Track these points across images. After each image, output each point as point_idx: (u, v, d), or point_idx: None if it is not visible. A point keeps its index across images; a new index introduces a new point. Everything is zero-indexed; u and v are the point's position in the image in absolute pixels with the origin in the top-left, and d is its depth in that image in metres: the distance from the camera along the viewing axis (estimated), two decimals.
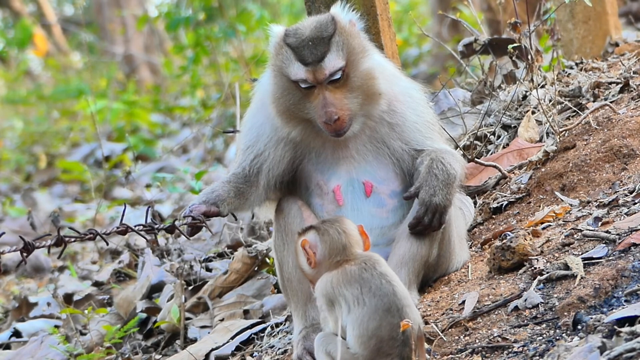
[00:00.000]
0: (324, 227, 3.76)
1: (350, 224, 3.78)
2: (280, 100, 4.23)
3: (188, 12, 12.21)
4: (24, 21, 19.49)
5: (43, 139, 14.98)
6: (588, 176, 4.78)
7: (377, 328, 3.50)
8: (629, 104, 5.24)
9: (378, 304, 3.52)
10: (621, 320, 3.41)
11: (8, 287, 7.90)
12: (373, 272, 3.59)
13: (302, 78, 4.17)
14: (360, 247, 3.75)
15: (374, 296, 3.54)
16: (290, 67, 4.19)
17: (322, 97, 4.16)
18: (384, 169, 4.34)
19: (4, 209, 11.47)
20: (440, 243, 4.31)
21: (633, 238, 3.93)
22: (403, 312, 3.49)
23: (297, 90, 4.20)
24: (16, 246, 3.54)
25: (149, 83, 17.41)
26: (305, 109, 4.21)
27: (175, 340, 5.58)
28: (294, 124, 4.27)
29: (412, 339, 3.47)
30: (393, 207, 4.33)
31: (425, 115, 4.42)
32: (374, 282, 3.56)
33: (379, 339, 3.49)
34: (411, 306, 3.54)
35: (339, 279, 3.62)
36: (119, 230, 3.87)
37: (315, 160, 4.36)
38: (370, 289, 3.56)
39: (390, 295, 3.53)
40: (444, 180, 4.20)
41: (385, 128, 4.34)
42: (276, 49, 4.25)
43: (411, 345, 3.47)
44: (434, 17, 12.49)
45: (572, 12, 6.61)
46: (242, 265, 5.75)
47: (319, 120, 4.18)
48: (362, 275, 3.59)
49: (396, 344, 3.47)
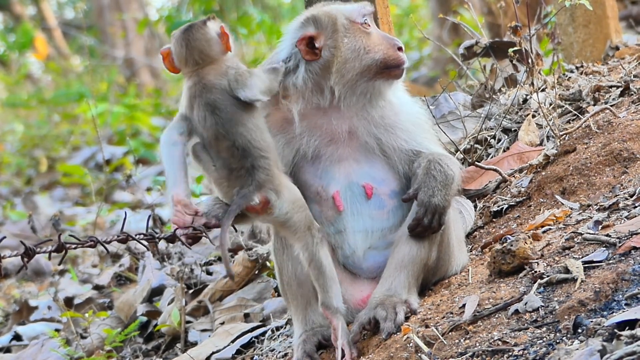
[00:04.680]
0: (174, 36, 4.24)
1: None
2: (345, 56, 4.28)
3: (189, 16, 12.23)
4: (24, 25, 19.52)
5: (44, 143, 15.00)
6: (588, 180, 4.78)
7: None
8: (629, 108, 5.24)
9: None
10: (621, 324, 3.41)
11: (9, 291, 7.90)
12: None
13: (366, 9, 4.33)
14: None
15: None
16: (352, 8, 4.33)
17: (381, 33, 4.37)
18: (382, 170, 4.34)
19: (5, 213, 11.47)
20: (440, 246, 4.31)
21: (633, 241, 3.93)
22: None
23: (361, 33, 4.29)
24: (17, 251, 3.54)
25: (150, 86, 17.43)
26: (371, 50, 4.28)
27: (175, 343, 5.58)
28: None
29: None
30: (393, 208, 4.33)
31: (422, 118, 4.45)
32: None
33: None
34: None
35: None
36: (120, 239, 3.88)
37: (313, 166, 4.35)
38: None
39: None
40: (442, 182, 4.21)
41: (382, 129, 4.35)
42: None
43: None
44: (435, 20, 12.50)
45: (573, 15, 6.61)
46: (243, 269, 5.75)
47: (391, 51, 4.29)
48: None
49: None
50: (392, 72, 4.32)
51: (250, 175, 4.04)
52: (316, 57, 4.26)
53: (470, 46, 6.27)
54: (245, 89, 4.08)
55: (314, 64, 4.27)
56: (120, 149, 12.78)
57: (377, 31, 4.36)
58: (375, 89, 4.32)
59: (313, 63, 4.27)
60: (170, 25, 11.60)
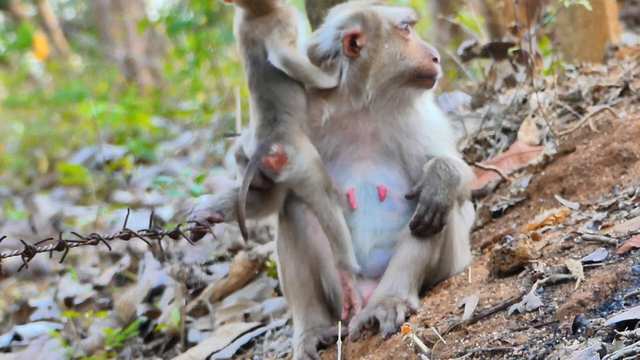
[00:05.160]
0: None
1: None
2: (383, 60, 4.29)
3: (189, 16, 12.22)
4: (25, 25, 19.51)
5: (44, 143, 14.99)
6: (588, 180, 4.78)
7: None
8: (628, 108, 5.24)
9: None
10: (621, 324, 3.41)
11: (9, 291, 7.90)
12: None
13: (408, 16, 4.34)
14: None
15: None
16: (396, 12, 4.34)
17: (420, 42, 4.37)
18: (398, 174, 4.35)
19: (5, 213, 11.47)
20: (443, 247, 4.32)
21: (633, 241, 3.93)
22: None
23: (400, 39, 4.30)
24: (17, 250, 3.54)
25: (150, 87, 17.42)
26: (407, 57, 4.29)
27: (175, 343, 5.58)
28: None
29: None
30: (404, 212, 4.33)
31: (444, 128, 4.47)
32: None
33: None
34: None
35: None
36: (122, 235, 3.88)
37: (331, 162, 4.36)
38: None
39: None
40: (446, 181, 4.22)
41: (405, 135, 4.35)
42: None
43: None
44: (434, 20, 12.50)
45: (572, 15, 6.60)
46: (243, 269, 5.75)
47: (426, 61, 4.30)
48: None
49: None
50: (424, 82, 4.33)
51: (271, 127, 4.15)
52: (356, 55, 4.28)
53: (469, 47, 6.28)
54: (273, 52, 4.21)
55: (354, 63, 4.28)
56: (121, 149, 12.77)
57: (417, 39, 4.38)
58: (405, 96, 4.33)
59: (353, 63, 4.28)
60: (171, 26, 11.60)
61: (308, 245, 4.35)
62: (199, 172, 8.45)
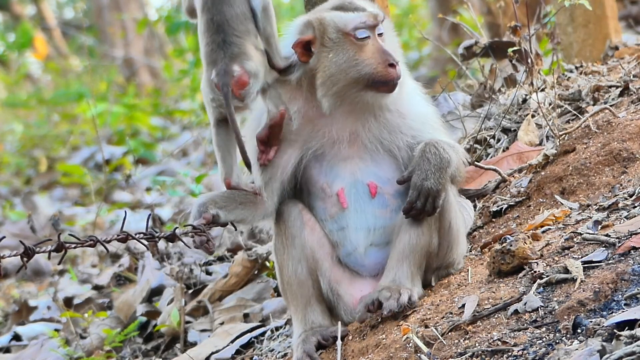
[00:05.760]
0: None
1: None
2: (329, 70, 4.24)
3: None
4: (24, 24, 19.50)
5: (43, 143, 14.99)
6: (588, 180, 4.78)
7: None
8: (628, 108, 5.24)
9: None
10: (621, 324, 3.41)
11: (8, 291, 7.90)
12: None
13: (363, 21, 4.23)
14: None
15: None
16: (347, 18, 4.26)
17: (378, 46, 4.26)
18: (389, 169, 4.35)
19: (4, 213, 11.47)
20: (440, 230, 4.31)
21: (633, 241, 3.93)
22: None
23: (351, 46, 4.23)
24: (17, 250, 3.54)
25: (149, 86, 17.42)
26: (359, 64, 4.23)
27: (175, 343, 5.58)
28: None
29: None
30: (396, 207, 4.34)
31: (430, 117, 4.45)
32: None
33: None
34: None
35: None
36: (120, 238, 3.88)
37: (318, 163, 4.36)
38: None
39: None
40: (436, 165, 4.21)
41: (390, 127, 4.35)
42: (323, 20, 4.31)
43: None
44: (434, 20, 12.50)
45: (572, 15, 6.60)
46: (242, 269, 5.75)
47: (380, 67, 4.22)
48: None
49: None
50: (381, 88, 4.28)
51: (221, 49, 4.15)
52: (307, 61, 4.27)
53: (469, 46, 6.27)
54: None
55: (307, 70, 4.28)
56: (120, 149, 12.77)
57: (375, 44, 4.28)
58: (367, 100, 4.31)
59: (306, 69, 4.28)
60: (170, 26, 11.60)
61: (305, 245, 4.35)
62: (198, 172, 8.44)
